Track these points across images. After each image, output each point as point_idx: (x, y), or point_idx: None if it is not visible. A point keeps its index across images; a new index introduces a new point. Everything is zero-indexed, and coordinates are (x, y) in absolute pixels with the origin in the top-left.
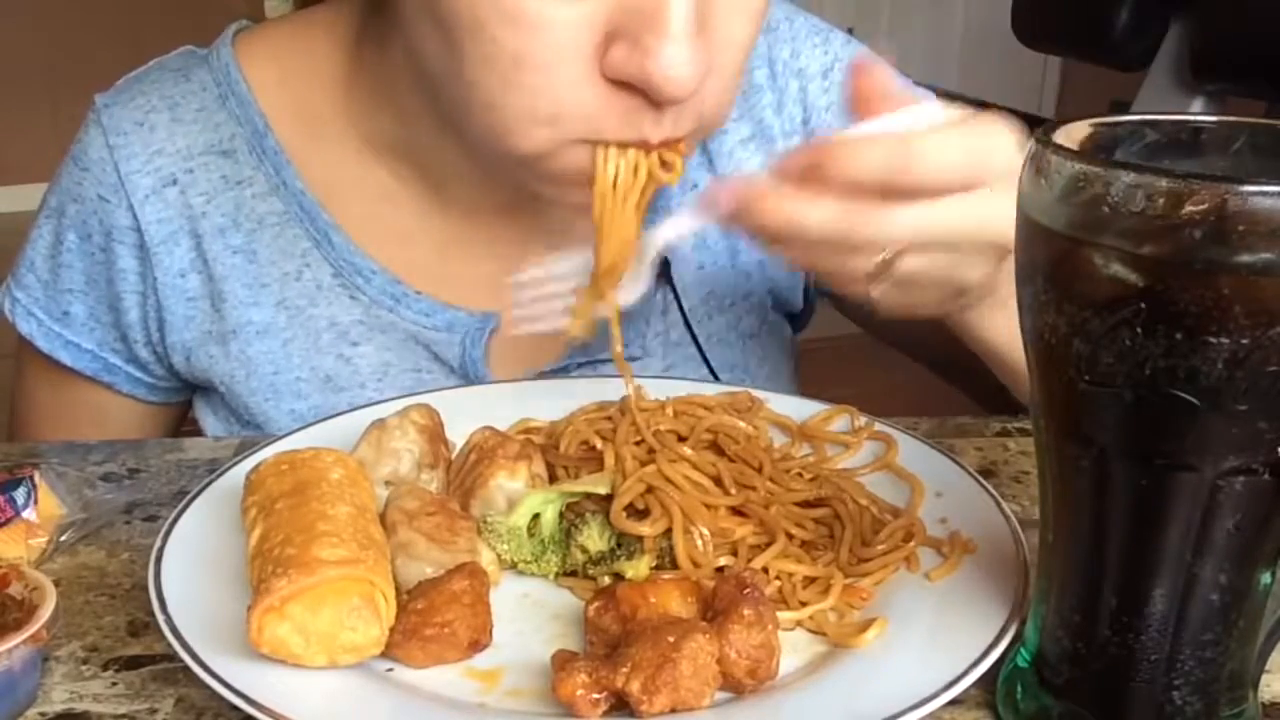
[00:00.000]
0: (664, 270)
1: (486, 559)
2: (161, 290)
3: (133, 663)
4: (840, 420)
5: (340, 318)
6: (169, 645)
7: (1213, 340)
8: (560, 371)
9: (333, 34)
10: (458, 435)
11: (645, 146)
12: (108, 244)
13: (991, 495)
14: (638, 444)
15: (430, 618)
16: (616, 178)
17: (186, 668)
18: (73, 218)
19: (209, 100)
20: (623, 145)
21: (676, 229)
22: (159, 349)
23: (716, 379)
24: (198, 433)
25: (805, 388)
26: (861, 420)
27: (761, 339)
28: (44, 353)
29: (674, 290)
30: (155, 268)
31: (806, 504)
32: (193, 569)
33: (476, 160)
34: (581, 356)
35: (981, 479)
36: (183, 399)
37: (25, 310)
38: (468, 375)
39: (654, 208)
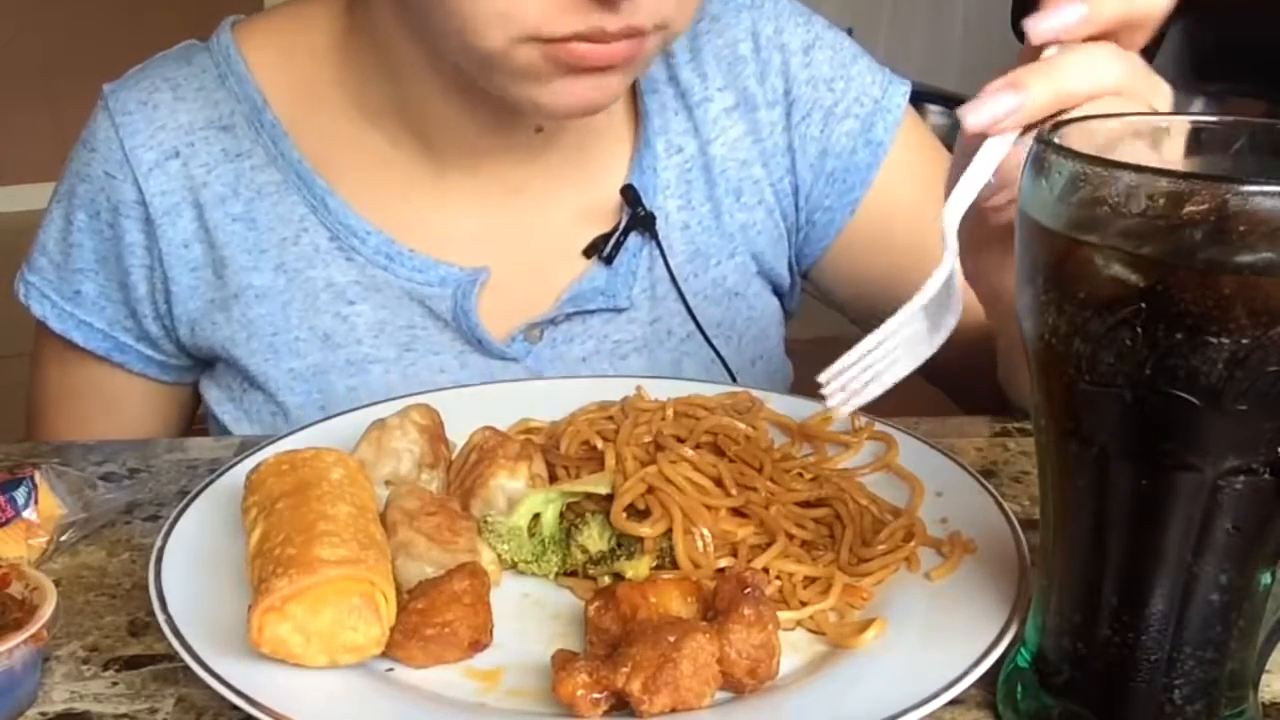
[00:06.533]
0: (649, 227)
1: (487, 559)
2: (167, 261)
3: (133, 663)
4: (841, 420)
5: (337, 278)
6: (169, 645)
7: (1213, 340)
8: (549, 324)
9: (327, 9)
10: (458, 435)
11: (604, 38)
12: (115, 219)
13: (991, 495)
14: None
15: (430, 617)
16: None
17: (186, 668)
18: (82, 197)
19: (209, 80)
20: (580, 39)
21: (964, 196)
22: (166, 322)
23: (703, 333)
24: (206, 428)
25: (805, 388)
26: (861, 420)
27: (747, 299)
28: (57, 333)
29: (659, 247)
30: (160, 239)
31: (807, 504)
32: (193, 569)
33: (461, 103)
34: (570, 307)
35: (981, 479)
36: (193, 379)
37: (39, 293)
38: (460, 328)
39: (641, 168)
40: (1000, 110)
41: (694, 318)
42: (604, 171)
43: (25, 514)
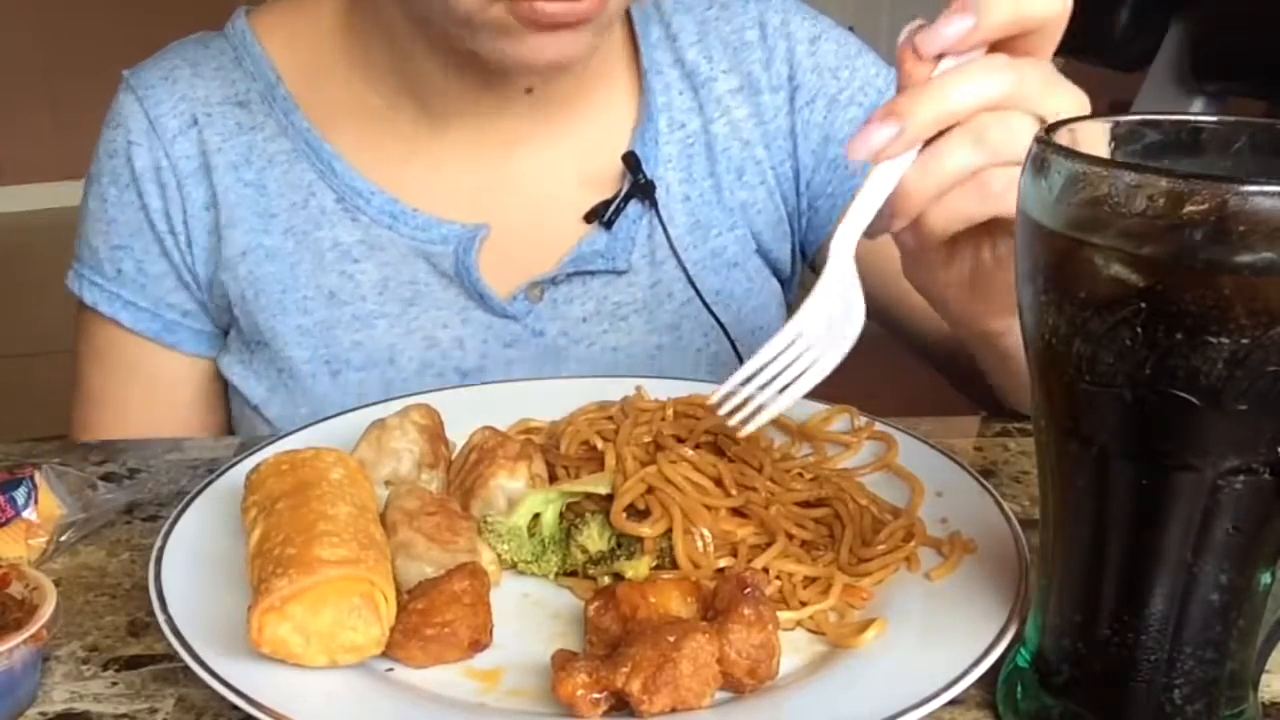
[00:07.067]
0: (649, 195)
1: (487, 559)
2: (190, 224)
3: (133, 663)
4: (840, 420)
5: (343, 238)
6: (169, 645)
7: (1213, 340)
8: (550, 283)
9: None
10: (458, 435)
11: None
12: (140, 186)
13: (991, 495)
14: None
15: (430, 617)
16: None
17: (186, 668)
18: (109, 173)
19: (225, 62)
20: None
21: (857, 221)
22: (201, 286)
23: (702, 299)
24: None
25: None
26: (861, 420)
27: (747, 272)
28: (107, 317)
29: (659, 217)
30: (185, 200)
31: (807, 504)
32: (193, 569)
33: (451, 66)
34: (571, 268)
35: (981, 479)
36: None
37: (89, 282)
38: (463, 283)
39: (643, 139)
40: (881, 140)
41: (692, 283)
42: (604, 139)
43: (25, 514)
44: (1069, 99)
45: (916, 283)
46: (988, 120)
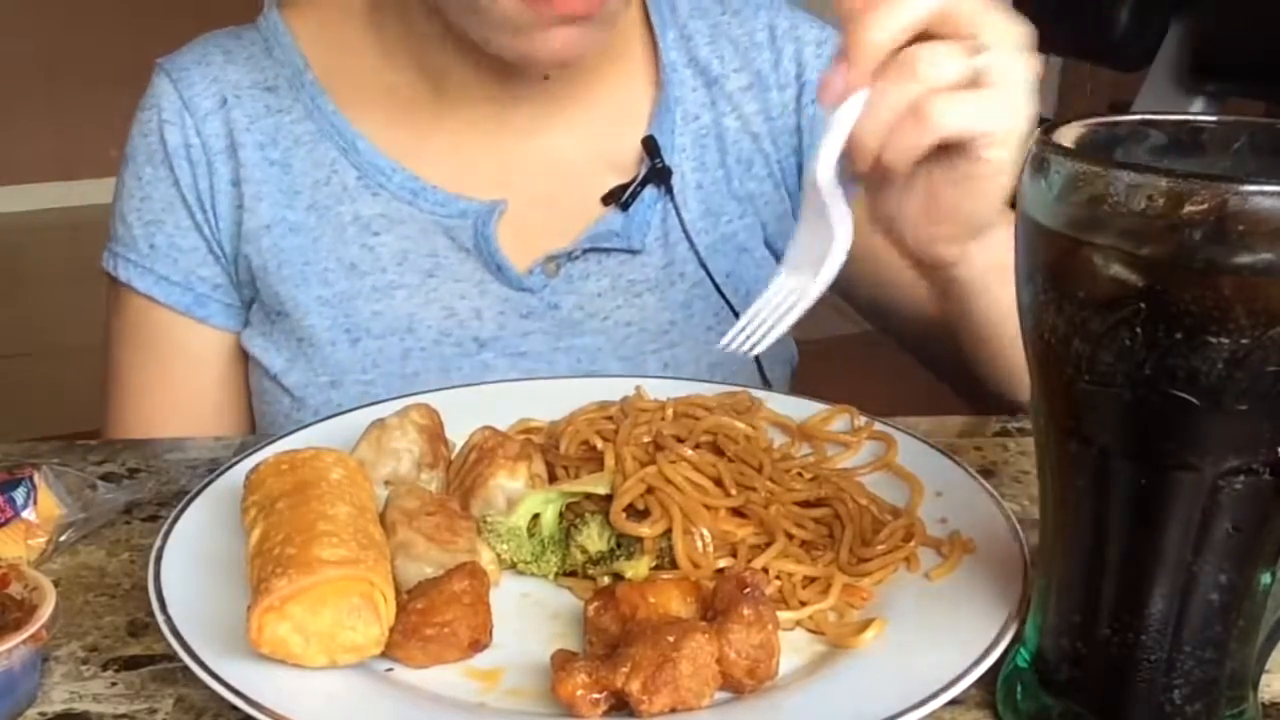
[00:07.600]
0: (665, 180)
1: (486, 559)
2: (217, 198)
3: (132, 663)
4: (840, 420)
5: (363, 212)
6: (169, 645)
7: (1213, 340)
8: (567, 258)
9: None
10: (458, 435)
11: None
12: (172, 164)
13: (991, 495)
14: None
15: (430, 617)
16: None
17: (186, 668)
18: (144, 152)
19: (256, 51)
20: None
21: (829, 156)
22: (228, 258)
23: (713, 280)
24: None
25: (805, 388)
26: (861, 420)
27: (755, 259)
28: (140, 293)
29: (673, 200)
30: (214, 176)
31: (806, 504)
32: (193, 569)
33: (469, 55)
34: (588, 243)
35: (981, 479)
36: None
37: (122, 258)
38: (482, 254)
39: (661, 129)
40: (839, 85)
41: (704, 265)
42: (622, 126)
43: (24, 514)
44: (1003, 22)
45: (881, 221)
46: (913, 54)
